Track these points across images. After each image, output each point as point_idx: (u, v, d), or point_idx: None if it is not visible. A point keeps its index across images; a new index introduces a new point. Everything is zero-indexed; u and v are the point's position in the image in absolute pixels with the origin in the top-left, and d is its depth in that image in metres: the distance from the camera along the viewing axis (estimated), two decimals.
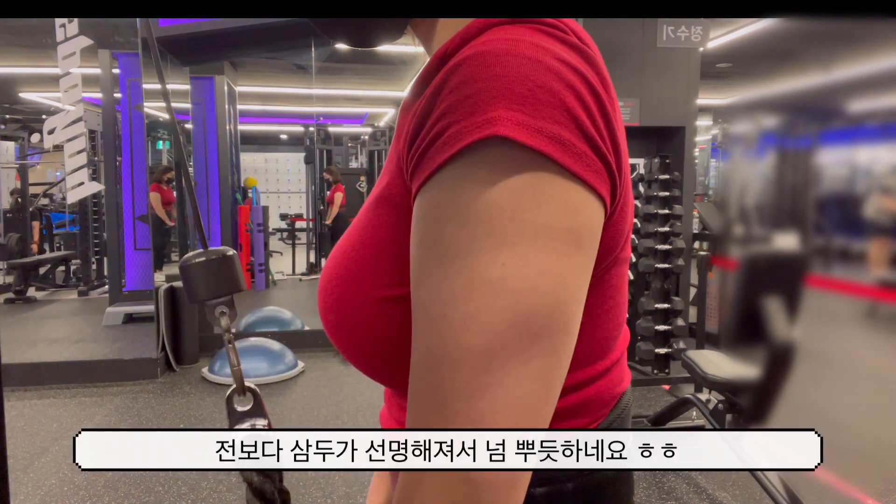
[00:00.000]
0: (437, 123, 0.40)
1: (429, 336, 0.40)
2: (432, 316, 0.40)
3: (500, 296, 0.38)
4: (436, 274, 0.40)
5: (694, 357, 2.72)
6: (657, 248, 4.17)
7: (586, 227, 0.40)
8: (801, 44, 2.37)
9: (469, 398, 0.38)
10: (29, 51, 7.77)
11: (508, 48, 0.40)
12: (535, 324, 0.38)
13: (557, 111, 0.39)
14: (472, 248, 0.38)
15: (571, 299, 0.40)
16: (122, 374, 4.32)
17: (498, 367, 0.38)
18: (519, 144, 0.38)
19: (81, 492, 2.74)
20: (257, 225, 7.88)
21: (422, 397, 0.40)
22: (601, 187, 0.41)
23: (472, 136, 0.38)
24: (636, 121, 5.26)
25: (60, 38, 4.19)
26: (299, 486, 2.73)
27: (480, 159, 0.38)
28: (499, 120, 0.38)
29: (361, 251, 0.50)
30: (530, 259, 0.38)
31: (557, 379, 0.40)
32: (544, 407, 0.40)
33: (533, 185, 0.38)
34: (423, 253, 0.41)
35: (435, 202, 0.40)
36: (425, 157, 0.41)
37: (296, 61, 8.15)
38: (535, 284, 0.38)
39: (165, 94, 0.63)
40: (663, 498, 2.66)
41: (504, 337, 0.38)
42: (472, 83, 0.39)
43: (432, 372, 0.40)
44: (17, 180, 8.95)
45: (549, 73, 0.39)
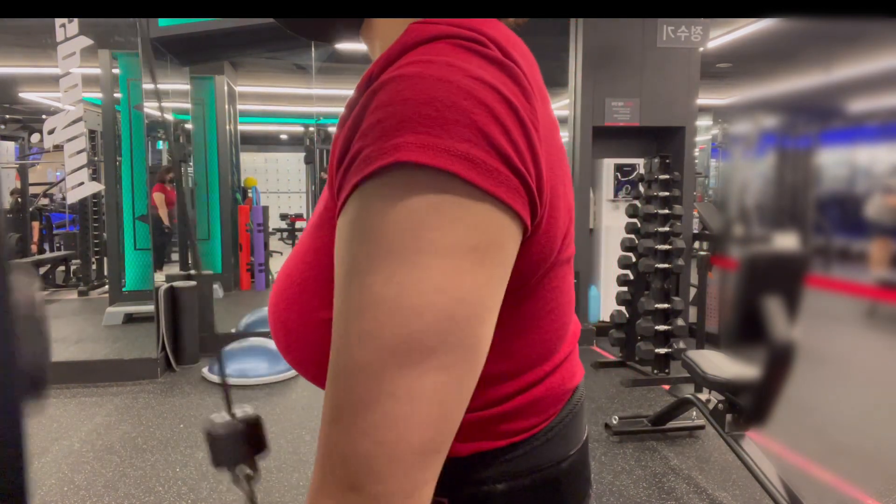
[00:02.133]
0: (355, 146, 0.41)
1: (332, 350, 0.42)
2: (336, 331, 0.41)
3: (394, 313, 0.39)
4: (341, 291, 0.41)
5: (694, 357, 2.72)
6: (657, 248, 4.17)
7: (494, 244, 0.41)
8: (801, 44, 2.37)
9: (362, 410, 0.39)
10: (29, 51, 7.77)
11: (420, 70, 0.40)
12: (429, 340, 0.39)
13: (467, 129, 0.39)
14: (370, 267, 0.39)
15: (472, 315, 0.40)
16: (122, 374, 4.32)
17: (389, 380, 0.39)
18: (423, 167, 0.38)
19: (81, 492, 2.74)
20: (257, 225, 7.88)
21: (326, 407, 0.42)
22: (516, 203, 0.41)
23: (379, 162, 0.39)
24: (636, 121, 5.26)
25: (60, 38, 4.19)
26: (299, 486, 2.73)
27: (387, 182, 0.39)
28: (404, 145, 0.39)
29: (305, 274, 0.51)
30: (427, 277, 0.39)
31: (456, 393, 0.41)
32: (443, 422, 0.40)
33: (436, 206, 0.39)
34: (336, 271, 0.43)
35: (346, 223, 0.42)
36: (344, 179, 0.42)
37: (296, 61, 8.15)
38: (430, 301, 0.39)
39: (158, 94, 0.64)
40: (663, 498, 2.66)
41: (396, 353, 0.39)
42: (384, 108, 0.40)
43: (332, 384, 0.41)
44: (17, 180, 8.95)
45: (460, 93, 0.40)
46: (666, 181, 4.27)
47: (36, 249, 8.69)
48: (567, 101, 5.48)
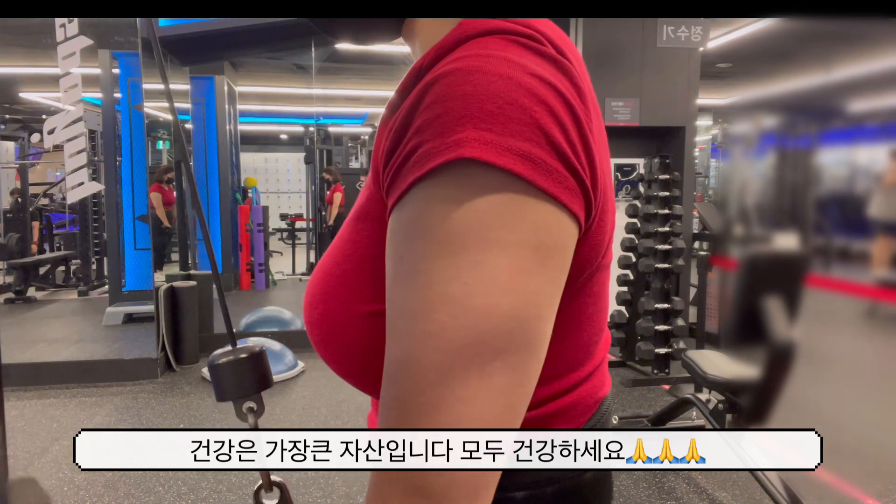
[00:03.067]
0: (411, 142, 0.40)
1: (394, 350, 0.41)
2: (397, 331, 0.41)
3: (461, 313, 0.38)
4: (402, 290, 0.40)
5: (694, 357, 2.72)
6: (657, 248, 4.17)
7: (556, 244, 0.40)
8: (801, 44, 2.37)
9: (429, 413, 0.39)
10: (29, 51, 7.77)
11: (479, 64, 0.40)
12: (496, 341, 0.38)
13: (527, 128, 0.39)
14: (435, 266, 0.39)
15: (536, 317, 0.40)
16: (122, 374, 4.32)
17: (457, 382, 0.38)
18: (487, 164, 0.38)
19: (81, 492, 2.74)
20: (257, 225, 7.88)
21: (387, 410, 0.41)
22: (573, 204, 0.41)
23: (441, 158, 0.38)
24: (636, 121, 5.26)
25: (60, 38, 4.19)
26: (299, 486, 2.73)
27: (450, 179, 0.39)
28: (466, 141, 0.38)
29: (344, 266, 0.50)
30: (494, 277, 0.38)
31: (521, 395, 0.41)
32: (509, 422, 0.40)
33: (500, 205, 0.38)
34: (392, 269, 0.42)
35: (405, 220, 0.41)
36: (399, 176, 0.41)
37: (296, 61, 8.15)
38: (497, 302, 0.38)
39: (168, 93, 0.63)
40: (663, 498, 2.66)
41: (464, 354, 0.38)
42: (443, 102, 0.39)
43: (396, 386, 0.40)
44: (17, 180, 8.95)
45: (520, 89, 0.39)
46: (666, 181, 4.27)
47: (36, 249, 8.69)
48: None
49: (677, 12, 0.48)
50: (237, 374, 0.56)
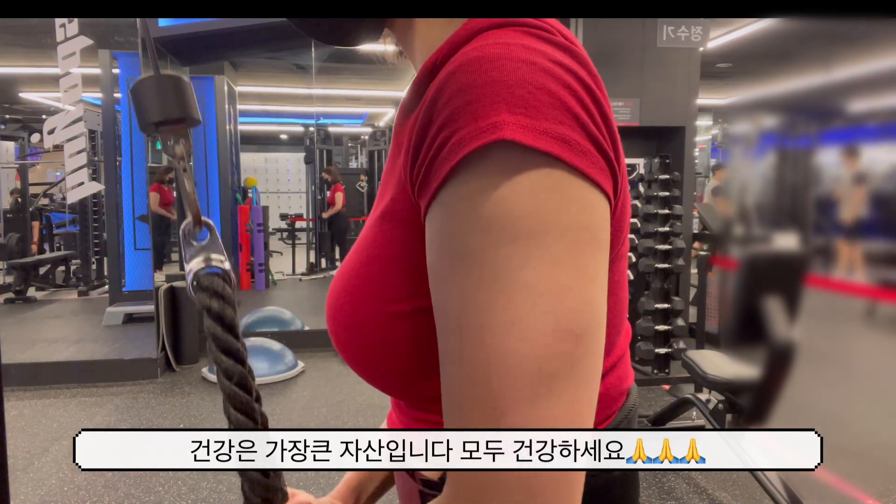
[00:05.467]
0: (440, 134, 0.39)
1: (468, 348, 0.39)
2: (468, 327, 0.38)
3: (539, 299, 0.37)
4: (465, 284, 0.39)
5: (694, 357, 2.72)
6: (657, 248, 4.17)
7: (600, 224, 0.40)
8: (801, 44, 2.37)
9: (526, 406, 0.37)
10: (29, 51, 7.77)
11: (501, 52, 0.39)
12: (575, 325, 0.38)
13: (559, 111, 0.38)
14: (500, 255, 0.37)
15: (601, 297, 0.40)
16: (122, 374, 4.32)
17: (549, 371, 0.37)
18: (527, 147, 0.37)
19: (81, 492, 2.74)
20: (257, 225, 7.89)
21: (471, 412, 0.39)
22: (606, 184, 0.41)
23: (479, 141, 0.37)
24: (636, 121, 5.26)
25: (60, 38, 4.19)
26: (299, 487, 2.73)
27: (491, 165, 0.38)
28: (504, 124, 0.37)
29: (369, 267, 0.49)
30: (559, 260, 0.37)
31: (598, 380, 0.40)
32: (592, 408, 0.40)
33: (548, 187, 0.38)
34: (446, 265, 0.40)
35: (451, 212, 0.39)
36: (432, 169, 0.40)
37: (296, 61, 8.15)
38: (568, 285, 0.37)
39: None
40: (663, 498, 2.66)
41: (550, 341, 0.37)
42: (470, 90, 0.38)
43: (480, 385, 0.38)
44: (17, 180, 8.96)
45: (546, 75, 0.39)
46: (666, 181, 4.27)
47: (36, 249, 8.69)
48: None
49: (677, 12, 0.48)
50: (161, 94, 0.49)
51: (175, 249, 8.23)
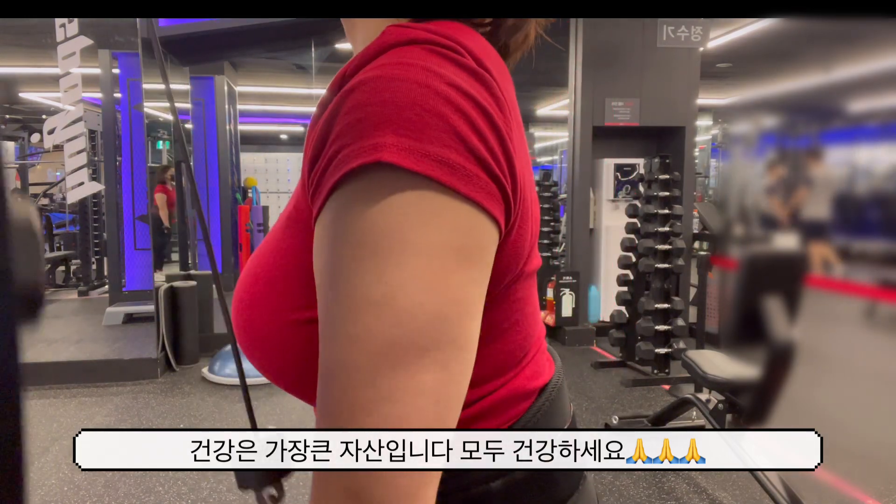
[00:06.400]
0: (332, 147, 0.41)
1: (323, 355, 0.41)
2: (324, 336, 0.41)
3: (385, 314, 0.38)
4: (327, 295, 0.41)
5: (694, 357, 2.72)
6: (657, 248, 4.17)
7: (476, 245, 0.41)
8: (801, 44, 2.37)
9: (359, 414, 0.39)
10: (29, 51, 7.77)
11: (398, 73, 0.40)
12: (421, 339, 0.39)
13: (445, 135, 0.39)
14: (356, 269, 0.39)
15: (461, 314, 0.41)
16: (122, 374, 4.32)
17: (384, 382, 0.39)
18: (403, 169, 0.38)
19: (81, 492, 2.74)
20: (257, 225, 7.88)
21: (320, 414, 0.42)
22: (493, 208, 0.41)
23: (359, 160, 0.39)
24: (636, 121, 5.26)
25: (60, 38, 4.19)
26: (299, 486, 2.73)
27: (368, 184, 0.39)
28: (384, 146, 0.38)
29: (272, 272, 0.50)
30: (416, 277, 0.39)
31: (452, 393, 0.41)
32: (439, 420, 0.40)
33: (419, 207, 0.39)
34: (318, 275, 0.43)
35: (326, 225, 0.41)
36: (321, 181, 0.42)
37: (296, 61, 8.14)
38: (420, 301, 0.39)
39: (169, 93, 0.63)
40: (663, 498, 2.66)
41: (389, 354, 0.39)
42: (363, 108, 0.40)
43: (326, 390, 0.41)
44: (17, 180, 8.96)
45: (438, 98, 0.40)
46: (666, 181, 4.27)
47: None
48: (567, 101, 5.48)
49: (677, 12, 0.48)
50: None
51: (175, 249, 8.23)
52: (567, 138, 5.60)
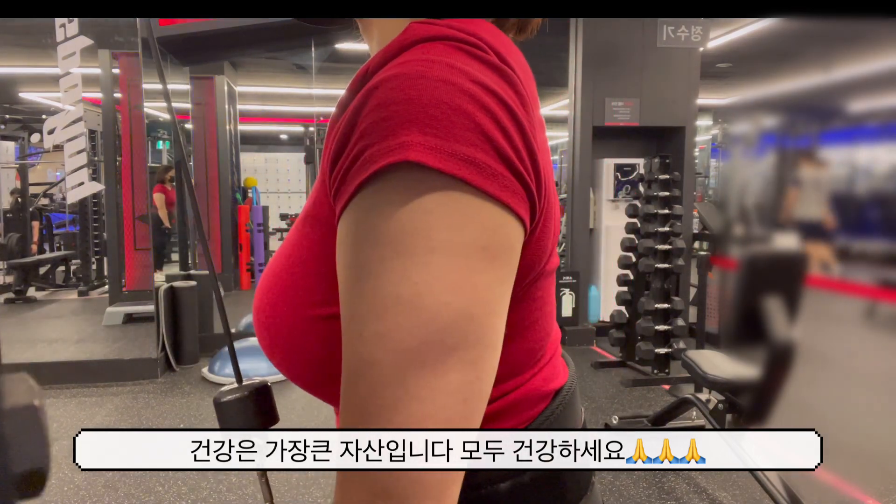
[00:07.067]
0: (356, 145, 0.41)
1: (348, 354, 0.41)
2: (350, 335, 0.41)
3: (412, 313, 0.39)
4: (353, 294, 0.41)
5: (694, 357, 2.72)
6: (657, 248, 4.17)
7: (503, 245, 0.41)
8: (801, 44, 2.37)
9: (386, 413, 0.39)
10: (29, 51, 7.76)
11: (423, 70, 0.40)
12: (448, 338, 0.39)
13: (471, 133, 0.39)
14: (384, 268, 0.39)
15: (488, 313, 0.41)
16: (122, 374, 4.32)
17: (412, 381, 0.39)
18: (430, 169, 0.38)
19: (81, 492, 2.74)
20: (257, 225, 7.88)
21: (346, 413, 0.41)
22: (519, 207, 0.41)
23: (385, 160, 0.39)
24: (636, 121, 5.26)
25: (60, 38, 4.19)
26: (299, 486, 2.73)
27: (395, 183, 0.39)
28: (411, 145, 0.38)
29: (292, 269, 0.50)
30: (442, 276, 0.39)
31: (478, 391, 0.41)
32: (466, 419, 0.41)
33: (446, 207, 0.39)
34: (342, 275, 0.43)
35: (352, 224, 0.41)
36: (346, 180, 0.42)
37: (296, 61, 8.15)
38: (447, 300, 0.39)
39: (166, 93, 0.63)
40: (663, 498, 2.67)
41: (416, 353, 0.39)
42: (388, 106, 0.39)
43: (352, 389, 0.41)
44: (17, 180, 8.96)
45: (463, 96, 0.40)
46: (666, 181, 4.27)
47: (36, 249, 8.69)
48: (567, 101, 5.48)
49: (677, 12, 0.48)
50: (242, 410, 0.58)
51: (175, 249, 8.23)
52: (567, 138, 5.60)
